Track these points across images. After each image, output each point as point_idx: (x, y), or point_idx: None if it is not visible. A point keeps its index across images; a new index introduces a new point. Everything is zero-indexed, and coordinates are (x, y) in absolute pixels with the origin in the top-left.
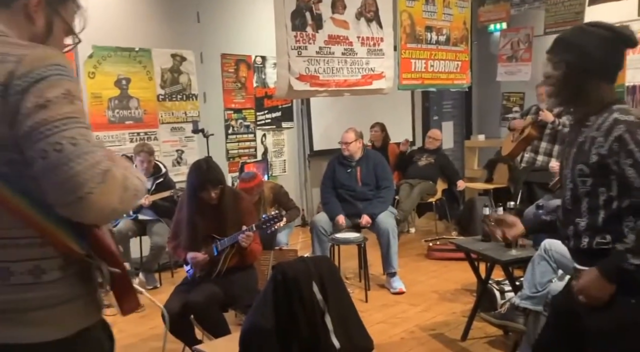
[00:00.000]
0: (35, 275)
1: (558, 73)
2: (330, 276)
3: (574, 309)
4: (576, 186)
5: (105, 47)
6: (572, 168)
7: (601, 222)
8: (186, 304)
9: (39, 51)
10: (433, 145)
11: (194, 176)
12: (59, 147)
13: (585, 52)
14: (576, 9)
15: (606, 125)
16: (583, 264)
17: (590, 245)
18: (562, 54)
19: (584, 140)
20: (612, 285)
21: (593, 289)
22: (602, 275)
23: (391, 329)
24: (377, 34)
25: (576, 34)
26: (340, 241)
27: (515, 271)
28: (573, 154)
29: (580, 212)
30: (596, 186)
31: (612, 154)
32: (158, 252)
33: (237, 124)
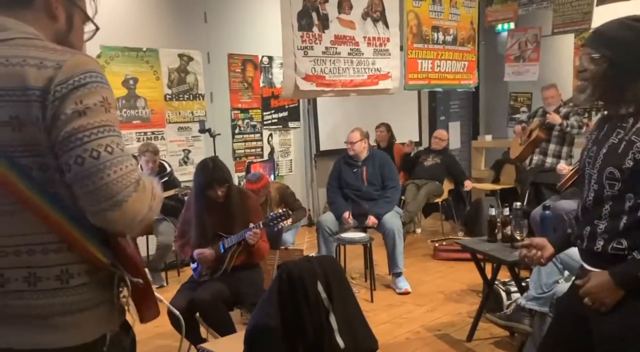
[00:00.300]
0: (62, 280)
1: (596, 69)
2: (335, 275)
3: (580, 312)
4: (602, 187)
5: (113, 47)
6: (600, 169)
7: (622, 228)
8: (192, 301)
9: (77, 58)
10: (439, 146)
11: (201, 175)
12: (95, 154)
13: (630, 50)
14: (584, 9)
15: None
16: (593, 265)
17: (605, 249)
18: (603, 49)
19: (617, 143)
20: (621, 291)
21: (602, 293)
22: (614, 281)
23: (396, 329)
24: (383, 34)
25: (620, 29)
26: (346, 240)
27: (522, 271)
28: (602, 154)
29: (601, 214)
30: (625, 191)
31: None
32: (164, 251)
33: (244, 124)
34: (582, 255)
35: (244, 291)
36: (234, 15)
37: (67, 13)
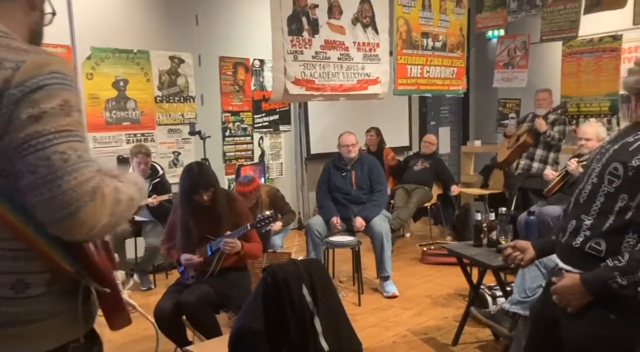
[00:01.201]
0: (17, 289)
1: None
2: (321, 278)
3: (552, 316)
4: (601, 182)
5: (103, 49)
6: (605, 163)
7: (605, 228)
8: (178, 303)
9: (38, 58)
10: (429, 150)
11: (186, 180)
12: (47, 163)
13: None
14: (572, 18)
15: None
16: (566, 261)
17: (583, 246)
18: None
19: (632, 142)
20: (590, 296)
21: (570, 294)
22: (583, 285)
23: (383, 332)
24: (373, 39)
25: None
26: (334, 244)
27: (508, 276)
28: (613, 150)
29: (590, 210)
30: (620, 190)
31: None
32: (153, 253)
33: (235, 127)
34: (559, 250)
35: (231, 294)
36: (225, 18)
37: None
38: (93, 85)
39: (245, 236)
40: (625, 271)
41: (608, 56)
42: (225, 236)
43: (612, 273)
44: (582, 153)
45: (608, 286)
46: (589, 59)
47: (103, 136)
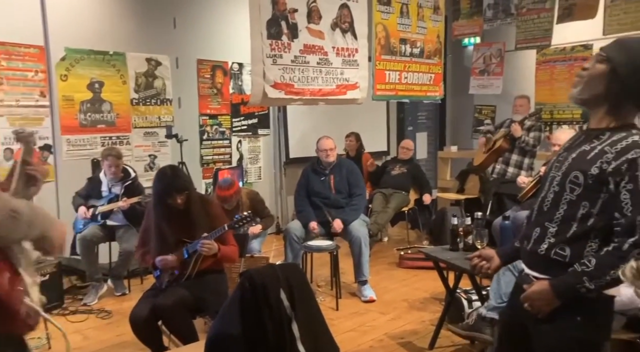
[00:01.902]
0: None
1: (596, 68)
2: (299, 283)
3: (521, 321)
4: (562, 190)
5: (78, 50)
6: (565, 172)
7: (570, 235)
8: (154, 308)
9: None
10: (406, 155)
11: (159, 183)
12: None
13: (636, 63)
14: (545, 27)
15: (622, 144)
16: (532, 268)
17: (548, 252)
18: (612, 52)
19: (589, 150)
20: (558, 301)
21: (540, 300)
22: (552, 290)
23: (360, 337)
24: (352, 44)
25: (636, 43)
26: (312, 248)
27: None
28: (571, 158)
29: (553, 217)
30: (582, 198)
31: (616, 174)
32: (127, 258)
33: (212, 130)
34: (524, 256)
35: (208, 298)
36: (203, 21)
37: None
38: (67, 86)
39: (222, 238)
40: (593, 276)
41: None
42: (202, 238)
43: (581, 278)
44: None
45: (576, 290)
46: (561, 67)
47: (77, 139)
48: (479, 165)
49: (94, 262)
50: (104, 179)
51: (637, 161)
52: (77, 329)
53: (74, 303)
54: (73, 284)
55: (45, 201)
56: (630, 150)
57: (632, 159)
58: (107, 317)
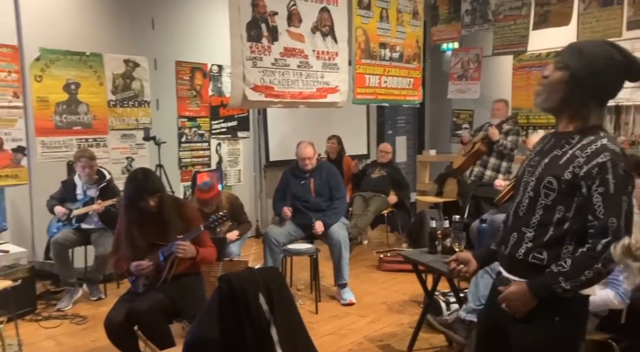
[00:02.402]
0: None
1: (556, 76)
2: (278, 286)
3: (498, 322)
4: (537, 196)
5: (53, 50)
6: (539, 178)
7: (547, 239)
8: (130, 312)
9: None
10: (385, 159)
11: (130, 186)
12: None
13: (590, 65)
14: (521, 33)
15: (592, 148)
16: (510, 272)
17: (526, 256)
18: (569, 59)
19: (560, 155)
20: (535, 301)
21: (518, 301)
22: (530, 291)
23: (340, 340)
24: (332, 48)
25: (591, 46)
26: (292, 252)
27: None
28: (544, 164)
29: (530, 222)
30: (557, 203)
31: (588, 178)
32: (103, 262)
33: (191, 132)
34: (502, 260)
35: (184, 302)
36: (182, 22)
37: None
38: (42, 87)
39: (199, 240)
40: (569, 276)
41: None
42: (178, 239)
43: (557, 278)
44: None
45: (553, 290)
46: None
47: (52, 141)
48: (458, 168)
49: (67, 267)
50: (78, 182)
51: (606, 164)
52: (50, 335)
53: (48, 309)
54: (47, 289)
55: (19, 204)
56: (599, 154)
57: (602, 162)
58: (82, 323)
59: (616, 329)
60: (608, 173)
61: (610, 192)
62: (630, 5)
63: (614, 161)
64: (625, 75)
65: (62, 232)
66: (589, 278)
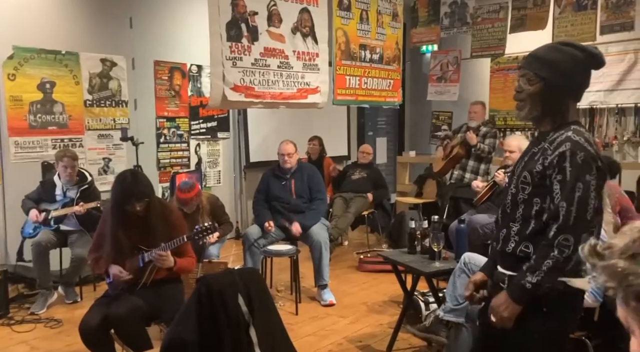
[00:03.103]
0: None
1: (532, 88)
2: (257, 288)
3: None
4: (517, 191)
5: (27, 48)
6: (518, 174)
7: (529, 232)
8: (106, 317)
9: None
10: (365, 160)
11: (118, 189)
12: None
13: (560, 70)
14: (499, 36)
15: (558, 141)
16: (504, 266)
17: (515, 250)
18: (538, 70)
19: (536, 151)
20: (519, 306)
21: (502, 310)
22: (509, 297)
23: (320, 341)
24: (312, 49)
25: (551, 52)
26: (272, 253)
27: (441, 282)
28: (524, 161)
29: (515, 217)
30: (532, 196)
31: (550, 167)
32: (79, 264)
33: (170, 133)
34: (497, 256)
35: (162, 306)
36: (161, 21)
37: None
38: (15, 86)
39: (180, 249)
40: (533, 269)
41: None
42: (159, 249)
43: (525, 274)
44: (507, 164)
45: (523, 287)
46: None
47: (26, 141)
48: (438, 172)
49: (46, 269)
50: (58, 183)
51: (565, 154)
52: (23, 340)
53: (21, 312)
54: (20, 293)
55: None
56: (562, 144)
57: (562, 152)
58: (57, 327)
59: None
60: (566, 161)
61: (566, 179)
62: (603, 10)
63: (572, 150)
64: (590, 67)
65: (42, 233)
66: (550, 267)
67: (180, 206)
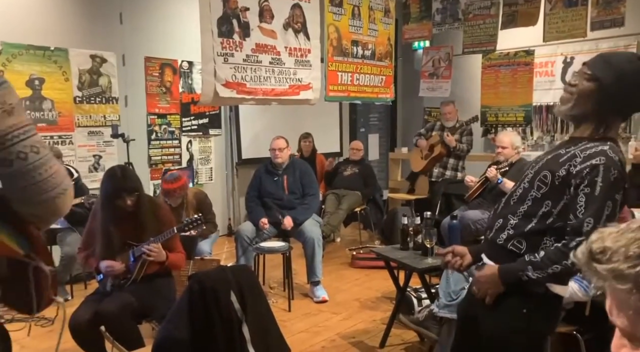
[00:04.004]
0: None
1: (585, 86)
2: (250, 285)
3: (473, 314)
4: (531, 187)
5: (15, 44)
6: (537, 170)
7: (528, 229)
8: (97, 313)
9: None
10: (356, 156)
11: (108, 184)
12: (22, 156)
13: (622, 80)
14: (490, 32)
15: (591, 151)
16: (490, 257)
17: (506, 243)
18: (598, 71)
19: (563, 153)
20: (503, 286)
21: (487, 283)
22: (499, 274)
23: (313, 338)
24: (304, 45)
25: (622, 59)
26: (265, 250)
27: (433, 278)
28: (546, 159)
29: (517, 211)
30: (546, 197)
31: (578, 176)
32: (69, 262)
33: (161, 130)
34: (485, 245)
35: (154, 302)
36: (152, 17)
37: None
38: None
39: (169, 244)
40: (537, 266)
41: (522, 70)
42: (149, 241)
43: (526, 266)
44: (499, 160)
45: (519, 277)
46: (505, 71)
47: None
48: (420, 171)
49: None
50: None
51: (599, 168)
52: (14, 339)
53: (11, 311)
54: None
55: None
56: (596, 156)
57: (595, 165)
58: (47, 325)
59: (581, 321)
60: (598, 176)
61: (595, 194)
62: (594, 6)
63: (607, 165)
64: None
65: None
66: (556, 272)
67: (164, 198)
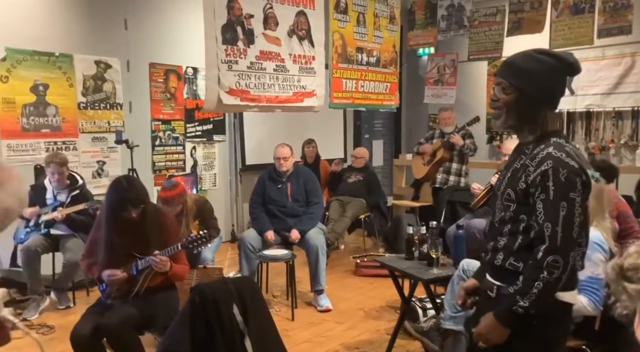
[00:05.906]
0: None
1: (507, 97)
2: (252, 297)
3: None
4: (504, 209)
5: (20, 50)
6: (502, 191)
7: (516, 247)
8: (98, 326)
9: None
10: (359, 163)
11: (113, 195)
12: None
13: (535, 79)
14: (496, 39)
15: (539, 157)
16: (493, 277)
17: (503, 263)
18: (512, 79)
19: (518, 167)
20: (507, 329)
21: (490, 334)
22: (497, 320)
23: (316, 348)
24: (308, 52)
25: (526, 61)
26: (268, 258)
27: (439, 288)
28: (507, 178)
29: (503, 231)
30: (518, 213)
31: (533, 185)
32: (72, 269)
33: (165, 136)
34: (487, 267)
35: (156, 314)
36: (157, 24)
37: None
38: (8, 88)
39: (174, 256)
40: (523, 293)
41: None
42: (155, 255)
43: (515, 299)
44: None
45: (516, 313)
46: None
47: (19, 143)
48: (423, 178)
49: (37, 274)
50: (49, 186)
51: (548, 172)
52: (15, 346)
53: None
54: (12, 298)
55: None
56: (544, 162)
57: (545, 170)
58: (49, 333)
59: (590, 335)
60: (549, 180)
61: (550, 198)
62: (601, 14)
63: (555, 168)
64: (564, 74)
65: (32, 238)
66: (540, 289)
67: (162, 205)
